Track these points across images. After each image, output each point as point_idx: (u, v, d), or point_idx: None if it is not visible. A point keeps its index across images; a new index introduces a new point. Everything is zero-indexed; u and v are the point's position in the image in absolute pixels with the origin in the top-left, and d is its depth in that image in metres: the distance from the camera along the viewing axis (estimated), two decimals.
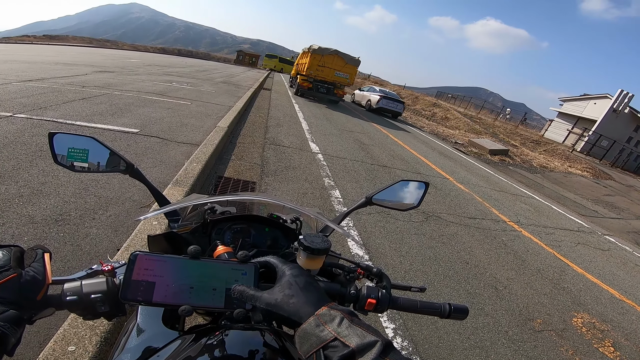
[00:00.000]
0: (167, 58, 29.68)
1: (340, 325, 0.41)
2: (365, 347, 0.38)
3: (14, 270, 0.44)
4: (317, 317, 0.42)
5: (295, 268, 0.51)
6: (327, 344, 0.39)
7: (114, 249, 2.10)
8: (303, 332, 0.42)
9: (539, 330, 2.58)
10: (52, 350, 1.21)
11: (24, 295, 0.44)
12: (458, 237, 3.85)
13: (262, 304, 0.46)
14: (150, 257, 0.48)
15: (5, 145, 3.17)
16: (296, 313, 0.44)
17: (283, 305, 0.45)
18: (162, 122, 5.17)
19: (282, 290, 0.47)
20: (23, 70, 7.89)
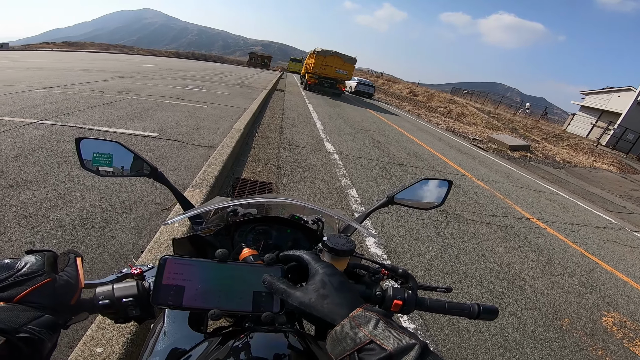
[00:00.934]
0: (181, 62, 30.31)
1: (376, 328, 0.39)
2: (403, 350, 0.37)
3: (48, 275, 0.44)
4: (351, 319, 0.41)
5: (328, 267, 0.49)
6: (363, 346, 0.38)
7: (138, 251, 2.15)
8: (337, 335, 0.41)
9: (567, 329, 2.49)
10: (81, 352, 1.24)
11: (58, 300, 0.44)
12: (479, 235, 3.76)
13: (294, 302, 0.45)
14: (179, 261, 0.48)
15: (32, 152, 3.30)
16: (330, 314, 0.43)
17: (316, 306, 0.44)
18: (179, 125, 5.27)
19: (316, 289, 0.45)
20: (45, 77, 8.21)
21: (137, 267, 0.58)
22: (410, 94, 31.03)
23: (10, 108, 4.74)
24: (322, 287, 0.45)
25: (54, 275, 0.44)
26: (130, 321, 0.52)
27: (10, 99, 5.26)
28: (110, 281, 0.53)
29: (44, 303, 0.42)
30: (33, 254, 0.45)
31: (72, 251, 0.51)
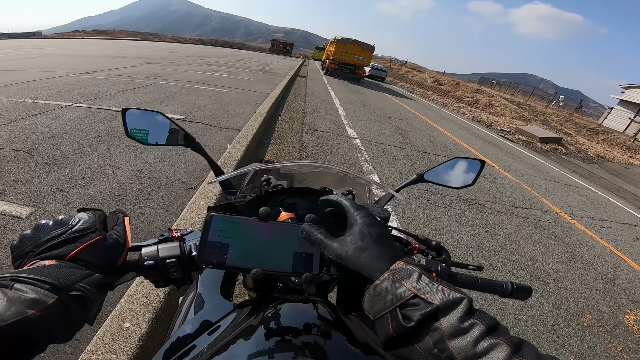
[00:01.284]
0: (205, 49, 30.64)
1: (419, 281, 0.37)
2: (451, 305, 0.34)
3: (99, 233, 0.44)
4: (392, 273, 0.38)
5: (368, 216, 0.45)
6: (406, 301, 0.36)
7: (165, 229, 2.23)
8: (377, 290, 0.38)
9: (588, 325, 2.43)
10: (109, 327, 1.28)
11: (107, 259, 0.44)
12: (503, 226, 3.67)
13: (331, 254, 0.42)
14: (224, 218, 0.47)
15: (67, 132, 3.47)
16: (368, 268, 0.40)
17: (354, 259, 0.41)
18: (205, 109, 5.38)
19: (354, 241, 0.42)
20: (78, 64, 8.55)
21: (178, 231, 0.59)
22: (435, 82, 30.11)
23: (46, 92, 4.98)
24: (360, 238, 0.42)
25: (105, 233, 0.45)
26: (169, 285, 0.53)
27: (46, 84, 5.53)
28: (155, 243, 0.54)
29: (94, 262, 0.42)
30: (85, 212, 0.46)
31: (120, 211, 0.51)
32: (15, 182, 2.41)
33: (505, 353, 0.31)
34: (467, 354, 0.32)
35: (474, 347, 0.32)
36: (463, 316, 0.34)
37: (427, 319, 0.34)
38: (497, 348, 0.31)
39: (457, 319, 0.33)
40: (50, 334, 0.35)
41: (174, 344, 0.55)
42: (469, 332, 0.33)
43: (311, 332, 0.47)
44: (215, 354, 0.43)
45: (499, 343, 0.32)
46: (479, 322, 0.33)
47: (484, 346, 0.32)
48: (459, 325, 0.33)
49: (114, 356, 1.18)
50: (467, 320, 0.33)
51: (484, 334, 0.32)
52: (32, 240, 0.41)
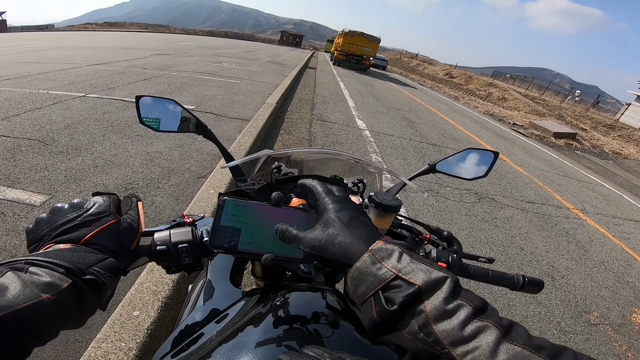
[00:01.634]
0: (215, 40, 30.63)
1: (400, 261, 0.34)
2: (434, 285, 0.32)
3: (113, 217, 0.44)
4: (371, 253, 0.36)
5: (338, 201, 0.42)
6: (387, 283, 0.33)
7: (175, 217, 2.26)
8: (357, 273, 0.35)
9: (595, 323, 2.39)
10: (119, 315, 1.29)
11: (121, 243, 0.44)
12: (513, 221, 3.62)
13: (306, 247, 0.40)
14: (237, 203, 0.46)
15: (80, 122, 3.52)
16: (345, 254, 0.37)
17: (328, 247, 0.38)
18: (215, 99, 5.40)
19: (324, 229, 0.40)
20: (90, 55, 8.64)
21: (189, 216, 0.59)
22: (447, 75, 29.60)
23: (59, 83, 5.06)
24: (331, 225, 0.40)
25: (119, 217, 0.45)
26: (181, 270, 0.53)
27: (59, 75, 5.62)
28: (167, 228, 0.54)
29: (108, 246, 0.42)
30: (100, 196, 0.46)
31: (134, 195, 0.51)
32: (29, 170, 2.47)
33: (495, 336, 0.29)
34: (455, 338, 0.30)
35: (460, 330, 0.30)
36: (448, 297, 0.31)
37: (409, 301, 0.32)
38: (485, 331, 0.29)
39: (442, 300, 0.31)
40: (64, 319, 0.35)
41: (182, 332, 0.56)
42: (455, 314, 0.31)
43: (319, 321, 0.47)
44: (223, 342, 0.43)
45: (488, 326, 0.30)
46: (466, 303, 0.31)
47: (471, 329, 0.30)
48: (443, 307, 0.31)
49: (123, 344, 1.19)
50: (452, 302, 0.31)
51: (471, 316, 0.31)
52: (48, 224, 0.41)
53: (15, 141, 2.87)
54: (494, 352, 0.28)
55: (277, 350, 0.40)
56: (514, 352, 0.28)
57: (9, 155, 2.63)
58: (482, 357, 0.28)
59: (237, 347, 0.42)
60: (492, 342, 0.29)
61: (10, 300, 0.30)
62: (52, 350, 1.33)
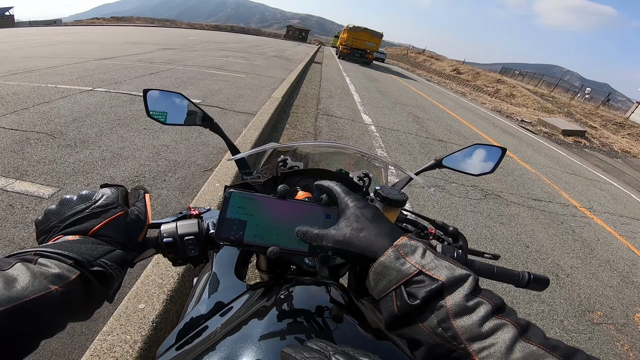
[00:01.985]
0: (221, 35, 30.61)
1: (424, 257, 0.35)
2: (456, 282, 0.33)
3: (121, 208, 0.44)
4: (396, 249, 0.36)
5: (359, 200, 0.44)
6: (410, 278, 0.34)
7: (180, 210, 2.28)
8: (381, 267, 0.36)
9: (598, 322, 2.37)
10: (125, 308, 1.30)
11: (128, 235, 0.44)
12: (519, 218, 3.59)
13: (329, 242, 0.41)
14: (243, 195, 0.46)
15: (88, 115, 3.56)
16: (369, 247, 0.38)
17: (353, 241, 0.39)
18: (221, 93, 5.42)
19: (349, 224, 0.40)
20: (97, 50, 8.70)
21: (196, 209, 0.59)
22: (454, 71, 29.24)
23: (67, 77, 5.11)
24: (355, 220, 0.41)
25: (126, 209, 0.45)
26: (186, 263, 0.53)
27: (67, 69, 5.67)
28: (173, 220, 0.54)
29: (116, 237, 0.42)
30: (108, 187, 0.46)
31: (141, 187, 0.51)
32: (38, 163, 2.50)
33: (512, 334, 0.29)
34: (472, 334, 0.30)
35: (479, 326, 0.30)
36: (469, 294, 0.32)
37: (432, 296, 0.33)
38: (503, 329, 0.30)
39: (463, 297, 0.32)
40: (72, 311, 0.35)
41: (187, 325, 0.56)
42: (475, 311, 0.31)
43: (323, 315, 0.47)
44: (227, 335, 0.44)
45: (505, 324, 0.30)
46: (486, 301, 0.32)
47: (489, 326, 0.30)
48: (464, 304, 0.32)
49: (128, 337, 1.19)
50: (473, 299, 0.32)
51: (490, 313, 0.31)
52: (57, 215, 0.42)
53: (23, 134, 2.91)
54: (510, 349, 0.29)
55: (281, 344, 0.40)
56: (529, 350, 0.29)
57: (17, 148, 2.67)
58: (498, 353, 0.29)
59: (241, 340, 0.42)
60: (509, 340, 0.29)
61: (19, 291, 0.30)
62: (58, 343, 1.34)
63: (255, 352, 0.39)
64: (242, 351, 0.40)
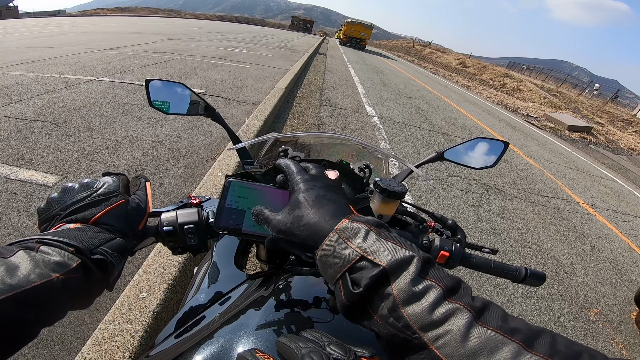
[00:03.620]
0: (225, 25, 30.39)
1: (366, 240, 0.32)
2: (399, 265, 0.30)
3: (122, 197, 0.44)
4: (337, 233, 0.33)
5: (306, 180, 0.40)
6: (353, 264, 0.31)
7: (183, 197, 2.29)
8: (324, 254, 0.33)
9: (594, 320, 2.37)
10: (126, 297, 1.31)
11: (129, 224, 0.44)
12: (521, 213, 3.58)
13: (274, 231, 0.38)
14: (243, 184, 0.46)
15: (92, 105, 3.57)
16: (311, 236, 0.35)
17: (294, 230, 0.36)
18: (224, 83, 5.40)
19: (291, 210, 0.38)
20: (102, 40, 8.66)
21: (196, 198, 0.59)
22: (461, 65, 28.86)
23: (71, 67, 5.11)
24: (296, 206, 0.37)
25: (127, 197, 0.45)
26: (186, 252, 0.53)
27: (71, 60, 5.66)
28: (173, 209, 0.54)
29: (117, 226, 0.42)
30: (109, 176, 0.46)
31: (142, 176, 0.52)
32: (42, 151, 2.52)
33: (466, 319, 0.27)
34: (424, 322, 0.28)
35: (430, 313, 0.28)
36: (415, 278, 0.29)
37: (375, 283, 0.30)
38: (456, 314, 0.27)
39: (409, 282, 0.29)
40: (72, 299, 0.35)
41: (186, 313, 0.57)
42: (424, 296, 0.29)
43: (320, 306, 0.47)
44: (225, 324, 0.44)
45: (459, 308, 0.28)
46: (435, 284, 0.29)
47: (441, 312, 0.28)
48: (411, 289, 0.29)
49: (129, 326, 1.20)
50: (420, 283, 0.29)
51: (441, 297, 0.28)
52: (59, 203, 0.42)
53: (28, 123, 2.93)
54: (465, 336, 0.26)
55: (277, 334, 0.41)
56: (486, 336, 0.26)
57: (22, 136, 2.69)
58: (453, 342, 0.26)
59: (238, 329, 0.42)
60: (463, 326, 0.27)
61: (20, 279, 0.30)
62: (60, 332, 1.35)
63: (251, 341, 0.40)
64: (238, 340, 0.40)
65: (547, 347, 0.26)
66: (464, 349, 0.26)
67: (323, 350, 0.31)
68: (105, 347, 1.13)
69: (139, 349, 1.16)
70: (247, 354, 0.32)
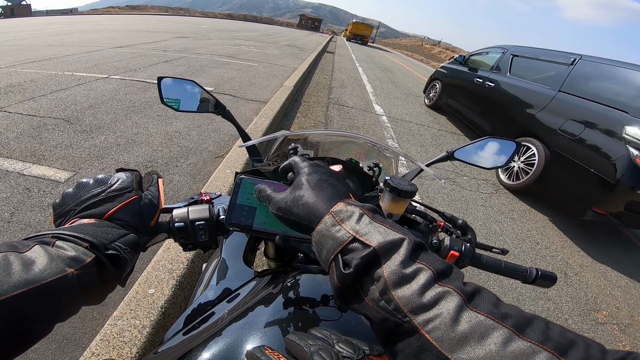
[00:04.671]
0: (234, 23, 30.49)
1: (359, 222, 0.33)
2: (390, 247, 0.30)
3: (135, 193, 0.45)
4: (332, 215, 0.34)
5: (311, 165, 0.42)
6: (346, 246, 0.32)
7: (193, 194, 2.32)
8: (319, 235, 0.34)
9: (602, 322, 2.33)
10: (135, 293, 1.32)
11: (141, 220, 0.44)
12: (531, 214, 3.52)
13: (273, 209, 0.40)
14: (253, 181, 0.46)
15: (104, 102, 3.62)
16: (307, 215, 0.36)
17: (292, 208, 0.38)
18: (233, 81, 5.43)
19: (293, 191, 0.39)
20: (113, 38, 8.79)
21: (207, 194, 0.59)
22: None
23: (84, 65, 5.20)
24: (299, 187, 0.39)
25: (140, 193, 0.46)
26: (197, 248, 0.54)
27: (83, 58, 5.76)
28: (184, 205, 0.55)
29: (130, 221, 0.43)
30: (123, 172, 0.47)
31: (155, 172, 0.52)
32: (55, 147, 2.57)
33: (456, 303, 0.27)
34: (414, 305, 0.28)
35: (420, 296, 0.28)
36: (406, 260, 0.29)
37: (366, 264, 0.30)
38: (446, 297, 0.27)
39: (399, 264, 0.29)
40: (86, 295, 0.35)
41: (195, 310, 0.57)
42: (415, 279, 0.29)
43: (328, 304, 0.47)
44: (233, 321, 0.44)
45: (449, 291, 0.28)
46: (425, 266, 0.29)
47: (431, 295, 0.28)
48: (401, 271, 0.29)
49: (137, 322, 1.21)
50: (410, 265, 0.29)
51: (431, 280, 0.28)
52: (74, 199, 0.42)
53: (41, 120, 2.98)
54: (455, 320, 0.26)
55: (286, 331, 0.41)
56: (476, 320, 0.26)
57: (35, 133, 2.74)
58: (443, 325, 0.26)
59: (247, 326, 0.42)
60: (453, 310, 0.26)
61: (36, 274, 0.30)
62: (70, 328, 1.36)
63: (260, 338, 0.40)
64: (247, 337, 0.40)
65: (539, 333, 0.25)
66: (454, 333, 0.26)
67: (332, 348, 0.31)
68: (113, 342, 1.13)
69: (147, 345, 1.17)
70: (257, 351, 0.32)
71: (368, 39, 36.84)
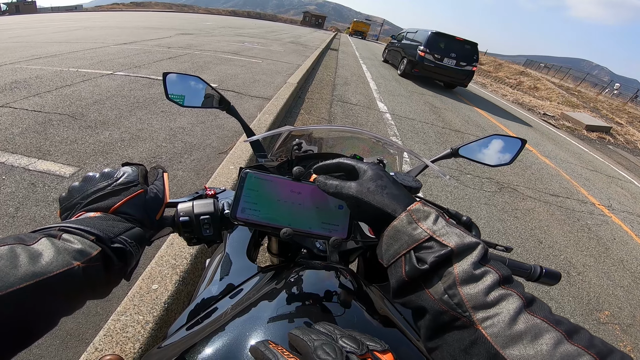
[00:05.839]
0: (238, 20, 30.43)
1: (436, 223, 0.35)
2: (466, 249, 0.33)
3: (141, 187, 0.45)
4: (409, 213, 0.36)
5: (377, 166, 0.43)
6: (421, 243, 0.34)
7: (198, 189, 2.33)
8: (394, 231, 0.36)
9: (604, 322, 2.32)
10: (139, 288, 1.32)
11: (147, 213, 0.45)
12: (534, 213, 3.51)
13: (351, 191, 0.40)
14: (258, 176, 0.47)
15: (109, 98, 3.63)
16: (389, 205, 0.38)
17: (376, 194, 0.39)
18: (236, 78, 5.43)
19: (373, 180, 0.40)
20: (117, 35, 8.79)
21: (211, 189, 0.59)
22: None
23: (89, 62, 5.21)
24: (379, 178, 0.41)
25: (146, 187, 0.46)
26: (201, 242, 0.54)
27: (88, 54, 5.77)
28: (189, 199, 0.54)
29: (135, 215, 0.43)
30: (129, 166, 0.47)
31: (160, 166, 0.52)
32: (60, 143, 2.58)
33: (516, 305, 0.29)
34: (478, 302, 0.30)
35: (485, 295, 0.30)
36: (477, 262, 0.32)
37: (441, 262, 0.33)
38: (508, 299, 0.30)
39: (471, 265, 0.32)
40: (92, 288, 0.35)
41: (198, 305, 0.57)
42: (482, 279, 0.31)
43: (332, 300, 0.47)
44: (236, 316, 0.44)
45: (511, 294, 0.30)
46: (493, 270, 0.32)
47: (495, 296, 0.30)
48: (471, 272, 0.32)
49: (141, 317, 1.21)
50: (480, 267, 0.32)
51: (496, 283, 0.31)
52: (80, 192, 0.43)
53: (46, 116, 3.00)
54: (514, 320, 0.29)
55: (289, 326, 0.41)
56: (532, 323, 0.28)
57: (40, 129, 2.76)
58: (501, 323, 0.29)
59: (250, 321, 0.42)
60: (513, 311, 0.29)
61: (43, 267, 0.30)
62: (73, 323, 1.36)
63: (264, 333, 0.40)
64: (251, 332, 0.40)
65: (585, 340, 0.28)
66: (510, 331, 0.28)
67: (335, 343, 0.31)
68: (116, 338, 1.13)
69: (150, 340, 1.17)
70: (261, 345, 0.32)
71: (366, 34, 45.62)
